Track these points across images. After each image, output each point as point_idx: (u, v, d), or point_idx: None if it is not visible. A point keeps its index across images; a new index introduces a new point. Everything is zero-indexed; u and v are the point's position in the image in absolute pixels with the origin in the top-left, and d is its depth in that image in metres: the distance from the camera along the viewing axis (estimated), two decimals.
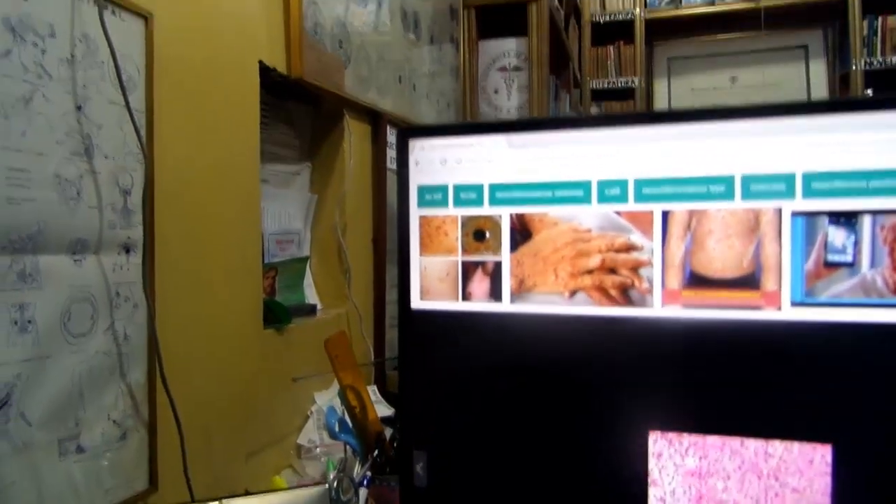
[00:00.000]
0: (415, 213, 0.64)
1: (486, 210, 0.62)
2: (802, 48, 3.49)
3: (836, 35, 3.41)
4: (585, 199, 0.59)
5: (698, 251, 0.56)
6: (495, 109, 2.07)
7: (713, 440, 0.57)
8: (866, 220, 0.52)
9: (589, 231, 0.59)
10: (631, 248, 0.58)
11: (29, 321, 0.63)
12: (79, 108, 0.68)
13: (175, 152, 0.83)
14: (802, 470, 0.55)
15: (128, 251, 0.75)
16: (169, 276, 0.81)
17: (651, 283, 0.57)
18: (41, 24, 0.64)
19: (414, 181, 0.63)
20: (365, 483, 0.88)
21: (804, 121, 0.54)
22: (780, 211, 0.54)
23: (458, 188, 0.62)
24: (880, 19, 3.18)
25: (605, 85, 3.60)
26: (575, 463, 0.60)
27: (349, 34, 1.29)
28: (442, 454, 0.64)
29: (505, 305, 0.62)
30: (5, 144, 0.60)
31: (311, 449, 1.10)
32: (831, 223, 0.53)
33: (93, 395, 0.70)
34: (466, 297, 0.62)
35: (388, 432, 0.97)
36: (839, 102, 0.52)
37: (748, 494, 0.56)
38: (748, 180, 0.55)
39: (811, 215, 0.54)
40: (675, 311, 0.57)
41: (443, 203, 0.63)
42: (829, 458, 0.54)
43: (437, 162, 0.62)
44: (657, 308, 0.57)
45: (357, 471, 0.89)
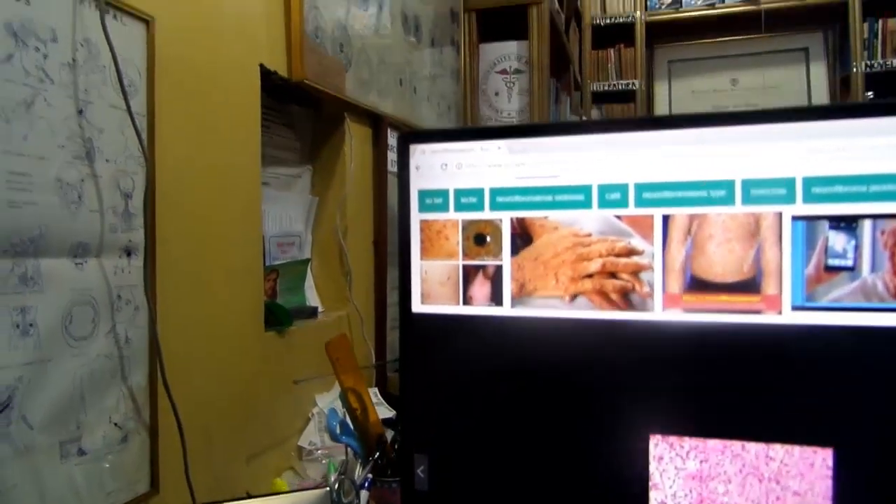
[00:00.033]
0: (416, 217, 0.64)
1: (486, 214, 0.62)
2: (803, 51, 3.49)
3: (837, 37, 3.42)
4: (586, 204, 0.59)
5: (699, 255, 0.56)
6: (496, 112, 2.07)
7: (714, 443, 0.57)
8: (866, 225, 0.52)
9: (589, 235, 0.59)
10: (631, 252, 0.58)
11: (30, 324, 0.63)
12: (80, 112, 0.69)
13: (176, 155, 0.83)
14: (803, 473, 0.55)
15: (129, 254, 0.75)
16: (170, 278, 0.81)
17: (652, 287, 0.57)
18: (43, 28, 0.64)
19: (415, 186, 0.64)
20: (366, 485, 0.89)
21: (804, 126, 0.54)
22: (780, 215, 0.54)
23: (459, 192, 0.62)
24: (881, 22, 3.18)
25: (606, 88, 3.60)
26: (576, 466, 0.60)
27: (350, 37, 1.29)
28: (443, 458, 0.64)
29: (506, 309, 0.62)
30: (7, 148, 0.60)
31: (313, 451, 1.10)
32: (832, 228, 0.53)
33: (94, 397, 0.70)
34: (467, 301, 0.63)
35: (390, 434, 0.97)
36: (839, 107, 0.52)
37: (749, 498, 0.56)
38: (749, 185, 0.55)
39: (812, 220, 0.54)
40: (676, 315, 0.57)
41: (443, 207, 0.63)
42: (830, 462, 0.54)
43: (438, 167, 0.63)
44: (658, 312, 0.57)
45: (358, 473, 0.89)
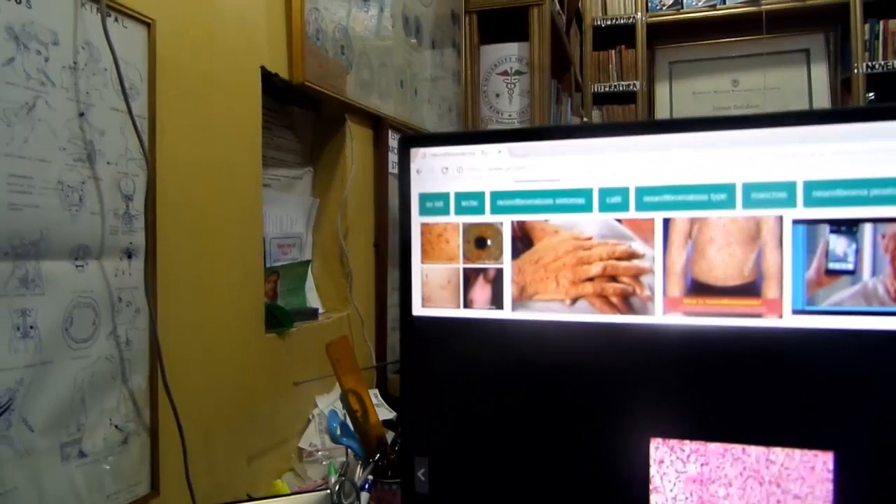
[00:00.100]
0: (416, 220, 0.64)
1: (487, 218, 0.62)
2: (804, 52, 3.49)
3: (838, 39, 3.41)
4: (587, 207, 0.59)
5: (699, 259, 0.56)
6: (497, 113, 2.07)
7: (714, 447, 0.57)
8: (867, 229, 0.52)
9: (590, 239, 0.59)
10: (632, 255, 0.58)
11: (31, 327, 0.63)
12: (81, 114, 0.69)
13: (177, 158, 0.83)
14: (804, 477, 0.55)
15: (130, 256, 0.75)
16: (171, 280, 0.81)
17: (652, 290, 0.57)
18: (44, 31, 0.64)
19: (415, 189, 0.64)
20: (366, 487, 0.88)
21: (805, 129, 0.54)
22: (781, 219, 0.54)
23: (460, 196, 0.62)
24: (882, 23, 3.18)
25: (607, 89, 3.60)
26: (576, 470, 0.60)
27: (351, 39, 1.29)
28: (443, 461, 0.64)
29: (506, 313, 0.62)
30: (8, 151, 0.60)
31: (313, 452, 1.10)
32: (832, 231, 0.53)
33: (95, 399, 0.70)
34: (468, 304, 0.63)
35: (390, 436, 0.97)
36: (840, 111, 0.52)
37: (750, 501, 0.56)
38: (749, 188, 0.55)
39: (812, 223, 0.54)
40: (677, 319, 0.57)
41: (444, 211, 0.63)
42: (830, 465, 0.54)
43: (439, 170, 0.63)
44: (658, 315, 0.57)
45: (359, 475, 0.89)
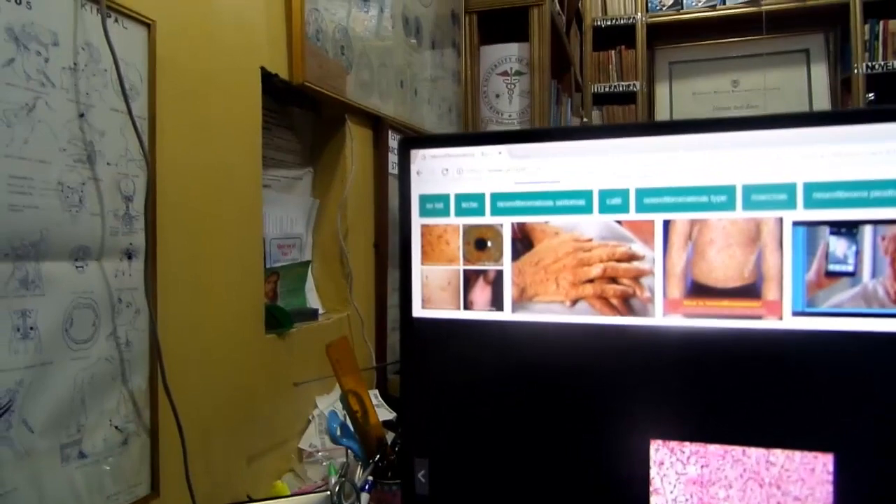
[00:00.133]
0: (416, 222, 0.64)
1: (487, 219, 0.62)
2: (804, 52, 3.49)
3: (838, 39, 3.41)
4: (587, 209, 0.59)
5: (700, 261, 0.56)
6: (497, 114, 2.07)
7: (715, 448, 0.57)
8: (867, 230, 0.52)
9: (590, 240, 0.59)
10: (632, 257, 0.58)
11: (31, 328, 0.63)
12: (81, 115, 0.69)
13: (177, 158, 0.83)
14: (804, 478, 0.55)
15: (130, 257, 0.75)
16: (171, 281, 0.81)
17: (652, 292, 0.57)
18: (44, 32, 0.64)
19: (416, 191, 0.64)
20: (366, 488, 0.88)
21: (805, 131, 0.54)
22: (781, 221, 0.54)
23: (460, 197, 0.62)
24: (882, 24, 3.18)
25: (607, 89, 3.60)
26: (576, 471, 0.60)
27: (351, 40, 1.29)
28: (443, 462, 0.64)
29: (506, 314, 0.62)
30: (8, 152, 0.60)
31: (313, 453, 1.10)
32: (832, 233, 0.53)
33: (95, 400, 0.70)
34: (468, 305, 0.63)
35: (390, 437, 0.97)
36: (840, 113, 0.52)
37: (750, 503, 0.56)
38: (749, 190, 0.55)
39: (812, 225, 0.54)
40: (677, 321, 0.57)
41: (444, 212, 0.63)
42: (830, 467, 0.54)
43: (439, 172, 0.63)
44: (658, 317, 0.57)
45: (358, 475, 0.89)
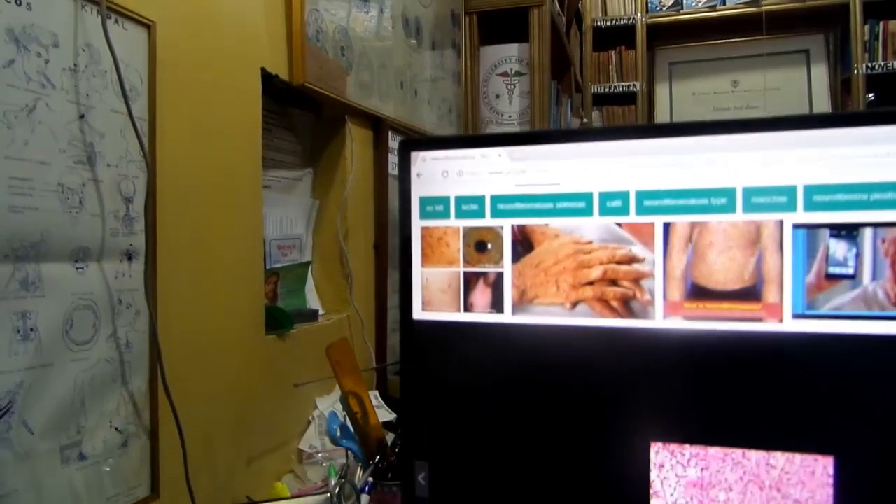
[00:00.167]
0: (416, 224, 0.64)
1: (487, 222, 0.62)
2: (804, 52, 3.49)
3: (838, 39, 3.41)
4: (587, 211, 0.59)
5: (700, 263, 0.56)
6: (497, 114, 2.07)
7: (715, 451, 0.57)
8: (867, 233, 0.52)
9: (590, 243, 0.59)
10: (632, 259, 0.58)
11: (31, 329, 0.63)
12: (81, 116, 0.69)
13: (177, 159, 0.83)
14: (804, 481, 0.55)
15: (130, 258, 0.75)
16: (171, 282, 0.81)
17: (653, 294, 0.57)
18: (45, 33, 0.64)
19: (416, 193, 0.64)
20: (367, 489, 0.89)
21: (805, 134, 0.54)
22: (781, 223, 0.54)
23: (460, 200, 0.62)
24: (881, 24, 3.19)
25: (607, 90, 3.60)
26: (577, 474, 0.60)
27: (351, 40, 1.29)
28: (443, 465, 0.64)
29: (507, 317, 0.62)
30: (8, 154, 0.60)
31: (313, 454, 1.10)
32: (832, 236, 0.53)
33: (95, 402, 0.70)
34: (468, 308, 0.63)
35: (390, 438, 0.97)
36: (840, 116, 0.52)
37: None
38: (749, 193, 0.55)
39: (812, 228, 0.54)
40: (677, 323, 0.57)
41: (444, 214, 0.63)
42: (830, 470, 0.54)
43: (439, 174, 0.63)
44: (659, 320, 0.57)
45: (359, 477, 0.89)
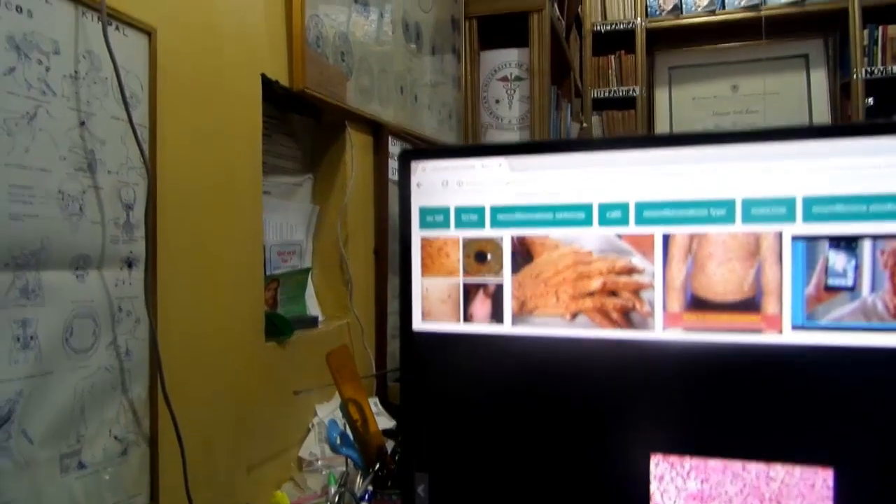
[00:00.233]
0: (416, 234, 0.64)
1: (487, 232, 0.62)
2: (803, 57, 3.49)
3: (837, 44, 3.42)
4: (586, 222, 0.59)
5: (699, 274, 0.56)
6: (497, 119, 2.07)
7: (714, 463, 0.57)
8: (867, 245, 0.52)
9: (590, 254, 0.59)
10: (632, 270, 0.58)
11: (31, 337, 0.63)
12: (82, 123, 0.69)
13: (178, 166, 0.83)
14: (804, 494, 0.55)
15: (130, 266, 0.75)
16: (171, 290, 0.81)
17: (652, 305, 0.57)
18: (45, 41, 0.64)
19: (416, 203, 0.63)
20: (366, 497, 0.88)
21: (805, 145, 0.54)
22: (780, 235, 0.54)
23: (460, 210, 0.62)
24: (880, 29, 3.19)
25: (607, 94, 3.60)
26: (576, 485, 0.60)
27: (351, 46, 1.29)
28: (443, 476, 0.64)
29: (506, 327, 0.62)
30: (9, 161, 0.61)
31: (313, 462, 1.10)
32: (832, 247, 0.53)
33: (94, 410, 0.70)
34: (468, 318, 0.62)
35: (390, 445, 0.97)
36: (840, 127, 0.52)
37: None
38: (749, 204, 0.55)
39: (812, 239, 0.54)
40: (677, 334, 0.57)
41: (444, 225, 0.63)
42: (830, 482, 0.54)
43: (439, 184, 0.63)
44: (658, 331, 0.57)
45: (358, 485, 0.89)
